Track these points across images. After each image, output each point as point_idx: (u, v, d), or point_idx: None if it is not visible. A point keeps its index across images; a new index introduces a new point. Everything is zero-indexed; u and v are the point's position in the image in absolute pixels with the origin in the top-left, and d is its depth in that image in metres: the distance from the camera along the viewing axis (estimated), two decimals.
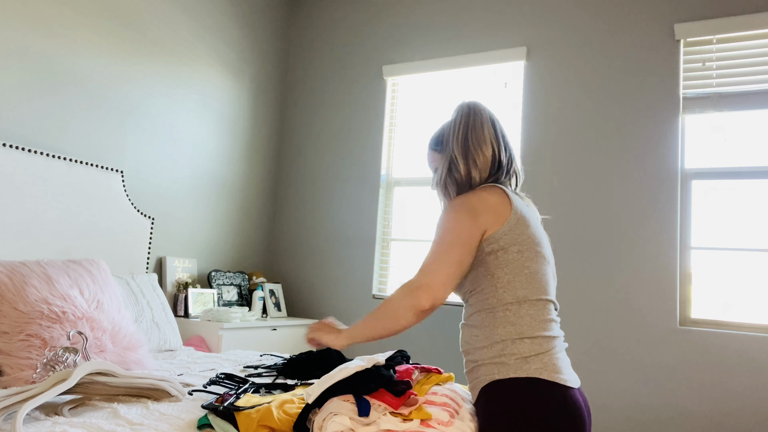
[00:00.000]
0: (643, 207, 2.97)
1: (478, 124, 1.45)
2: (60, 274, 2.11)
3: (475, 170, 1.43)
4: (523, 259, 1.32)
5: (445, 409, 1.25)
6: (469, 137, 1.44)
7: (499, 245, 1.31)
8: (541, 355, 1.24)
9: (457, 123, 1.47)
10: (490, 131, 1.45)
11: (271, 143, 4.08)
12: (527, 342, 1.25)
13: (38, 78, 2.61)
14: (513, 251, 1.31)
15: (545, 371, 1.22)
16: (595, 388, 2.95)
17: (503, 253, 1.31)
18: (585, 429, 1.22)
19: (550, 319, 1.31)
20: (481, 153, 1.43)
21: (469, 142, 1.44)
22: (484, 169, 1.43)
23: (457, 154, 1.44)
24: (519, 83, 3.42)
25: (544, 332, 1.27)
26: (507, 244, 1.31)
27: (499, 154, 1.46)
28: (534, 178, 3.25)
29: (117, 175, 2.86)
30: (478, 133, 1.44)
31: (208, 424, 1.36)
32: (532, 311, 1.29)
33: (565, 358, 1.30)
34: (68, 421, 1.35)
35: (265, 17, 4.01)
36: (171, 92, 3.28)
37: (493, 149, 1.45)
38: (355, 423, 1.18)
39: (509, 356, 1.24)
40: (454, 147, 1.45)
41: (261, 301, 3.48)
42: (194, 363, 2.35)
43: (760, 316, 2.74)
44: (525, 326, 1.27)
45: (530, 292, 1.30)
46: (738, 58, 2.91)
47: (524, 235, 1.34)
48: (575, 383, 1.26)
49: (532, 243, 1.34)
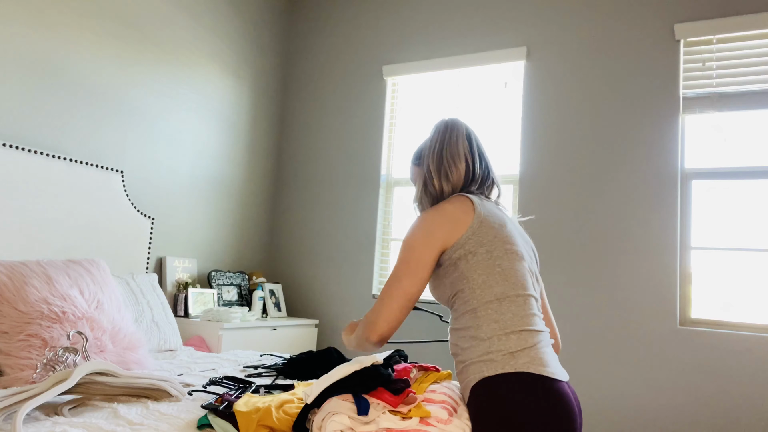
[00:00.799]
0: (643, 207, 2.97)
1: (453, 140, 1.50)
2: (60, 274, 2.11)
3: (447, 185, 1.48)
4: (493, 258, 1.35)
5: (443, 407, 1.25)
6: (444, 153, 1.49)
7: (465, 249, 1.35)
8: (528, 349, 1.26)
9: (434, 139, 1.53)
10: (464, 146, 1.51)
11: (271, 143, 4.08)
12: (513, 337, 1.27)
13: (38, 78, 2.61)
14: (481, 253, 1.35)
15: (532, 365, 1.24)
16: (595, 388, 2.95)
17: (472, 256, 1.35)
18: (575, 421, 1.23)
19: (532, 313, 1.33)
20: (454, 167, 1.48)
21: (443, 157, 1.49)
22: (457, 183, 1.49)
23: (432, 169, 1.50)
24: (519, 83, 3.42)
25: (529, 327, 1.30)
26: (473, 247, 1.35)
27: (473, 167, 1.51)
28: (534, 178, 3.25)
29: (117, 175, 2.86)
30: (452, 149, 1.50)
31: (208, 424, 1.36)
32: (513, 307, 1.31)
33: (552, 353, 1.33)
34: (68, 421, 1.35)
35: (265, 17, 4.01)
36: (171, 92, 3.29)
37: (467, 163, 1.50)
38: (354, 422, 1.18)
39: (496, 353, 1.26)
40: (429, 163, 1.51)
41: (261, 301, 3.48)
42: (194, 363, 2.35)
43: (760, 316, 2.74)
44: (509, 321, 1.29)
45: (507, 288, 1.33)
46: (738, 58, 2.91)
47: (490, 236, 1.37)
48: (563, 377, 1.28)
49: (501, 242, 1.37)
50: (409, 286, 1.36)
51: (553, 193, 3.19)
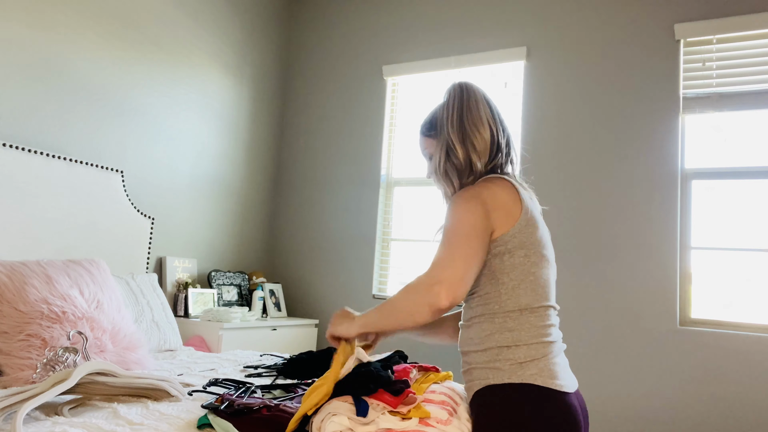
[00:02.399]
0: (643, 207, 2.97)
1: (473, 104, 1.35)
2: (60, 274, 2.11)
3: (475, 154, 1.33)
4: (529, 264, 1.26)
5: (443, 407, 1.25)
6: (465, 119, 1.34)
7: (506, 248, 1.25)
8: (537, 360, 1.21)
9: (450, 105, 1.37)
10: (486, 111, 1.36)
11: (271, 143, 4.08)
12: (523, 348, 1.22)
13: (38, 78, 2.61)
14: (519, 255, 1.25)
15: (540, 377, 1.19)
16: (595, 388, 2.95)
17: (509, 257, 1.25)
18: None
19: (549, 324, 1.27)
20: (479, 135, 1.33)
21: (465, 124, 1.34)
22: (484, 152, 1.34)
23: (454, 138, 1.34)
24: (519, 83, 3.42)
25: (543, 338, 1.24)
26: (514, 247, 1.25)
27: (497, 135, 1.36)
28: (534, 178, 3.25)
29: (117, 175, 2.86)
30: (473, 114, 1.34)
31: (208, 424, 1.36)
32: (532, 318, 1.25)
33: (563, 360, 1.27)
34: (68, 421, 1.35)
35: (265, 17, 4.01)
36: (171, 92, 3.29)
37: (491, 130, 1.35)
38: (353, 422, 1.18)
39: (504, 361, 1.21)
40: (449, 130, 1.35)
41: (261, 301, 3.48)
42: (194, 363, 2.35)
43: (760, 316, 2.74)
44: (523, 333, 1.23)
45: (533, 299, 1.25)
46: (738, 58, 2.91)
47: (533, 238, 1.27)
48: (571, 387, 1.23)
49: (538, 246, 1.28)
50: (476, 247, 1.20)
51: (552, 193, 3.19)
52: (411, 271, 3.64)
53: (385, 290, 3.68)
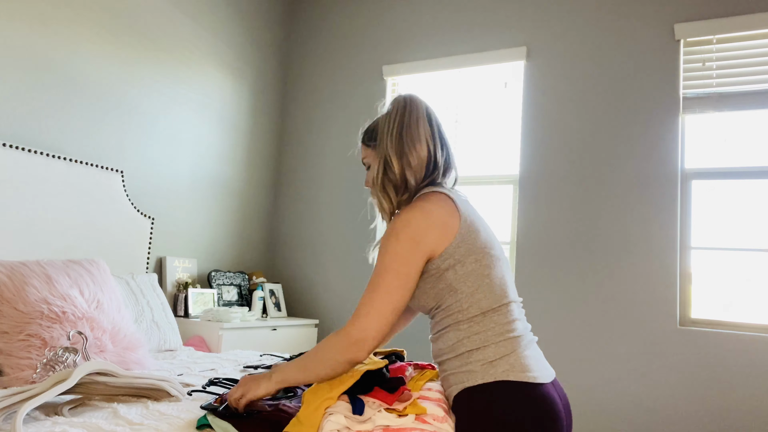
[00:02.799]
0: (643, 207, 2.97)
1: (413, 121, 1.39)
2: (60, 274, 2.11)
3: (410, 171, 1.37)
4: (482, 268, 1.29)
5: (439, 404, 1.25)
6: (404, 135, 1.37)
7: (454, 259, 1.28)
8: (507, 356, 1.23)
9: (392, 119, 1.40)
10: (425, 129, 1.39)
11: (271, 143, 4.08)
12: (492, 347, 1.24)
13: (38, 78, 2.61)
14: (470, 262, 1.28)
15: (512, 372, 1.21)
16: (595, 388, 2.95)
17: (461, 266, 1.28)
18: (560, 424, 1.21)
19: (513, 319, 1.29)
20: (415, 152, 1.37)
21: (403, 140, 1.37)
22: (419, 169, 1.37)
23: (391, 152, 1.37)
24: (519, 83, 3.42)
25: (509, 335, 1.26)
26: (462, 256, 1.28)
27: (435, 152, 1.39)
28: (534, 178, 3.25)
29: (117, 175, 2.86)
30: (413, 131, 1.38)
31: (207, 424, 1.36)
32: (496, 318, 1.27)
33: (534, 353, 1.29)
34: (68, 421, 1.35)
35: (265, 17, 4.01)
36: (171, 92, 3.29)
37: (428, 148, 1.38)
38: (350, 421, 1.18)
39: (475, 363, 1.23)
40: (388, 145, 1.38)
41: (261, 301, 3.48)
42: (194, 363, 2.35)
43: (760, 316, 2.74)
44: (490, 333, 1.25)
45: (493, 300, 1.28)
46: (738, 58, 2.91)
47: (477, 243, 1.30)
48: (547, 378, 1.25)
49: (485, 248, 1.31)
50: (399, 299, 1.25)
51: (553, 193, 3.19)
52: None
53: None
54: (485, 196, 3.47)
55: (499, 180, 3.42)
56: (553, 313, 3.10)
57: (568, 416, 1.29)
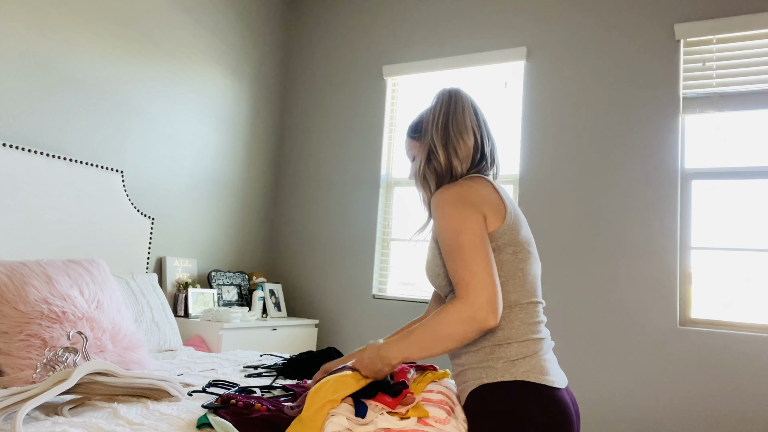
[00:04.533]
0: (643, 207, 2.97)
1: (459, 111, 1.36)
2: (60, 274, 2.11)
3: (456, 160, 1.34)
4: (517, 261, 1.27)
5: (441, 406, 1.25)
6: (450, 125, 1.35)
7: (496, 245, 1.25)
8: (528, 357, 1.22)
9: (437, 110, 1.38)
10: (472, 119, 1.37)
11: (271, 143, 4.08)
12: (515, 346, 1.23)
13: (38, 78, 2.61)
14: (508, 252, 1.26)
15: (533, 374, 1.20)
16: (595, 388, 2.95)
17: (498, 254, 1.25)
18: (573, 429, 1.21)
19: (538, 321, 1.28)
20: (462, 142, 1.34)
21: (449, 130, 1.35)
22: (466, 159, 1.34)
23: (437, 142, 1.35)
24: (519, 83, 3.42)
25: (533, 335, 1.25)
26: (503, 244, 1.26)
27: (482, 143, 1.37)
28: (534, 178, 3.25)
29: (117, 175, 2.86)
30: (459, 121, 1.35)
31: (207, 424, 1.36)
32: (522, 315, 1.26)
33: (552, 358, 1.28)
34: (68, 421, 1.35)
35: (265, 17, 4.01)
36: (171, 92, 3.29)
37: (475, 138, 1.36)
38: (352, 423, 1.18)
39: (496, 360, 1.22)
40: (433, 135, 1.36)
41: (261, 301, 3.48)
42: (194, 363, 2.35)
43: (760, 316, 2.74)
44: (514, 330, 1.24)
45: (522, 295, 1.27)
46: (738, 58, 2.91)
47: (520, 236, 1.28)
48: (562, 383, 1.25)
49: (525, 243, 1.29)
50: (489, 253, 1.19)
51: (553, 193, 3.19)
52: (411, 271, 3.64)
53: (385, 290, 3.68)
54: None
55: (499, 180, 3.42)
56: (553, 313, 3.10)
57: (578, 423, 1.29)
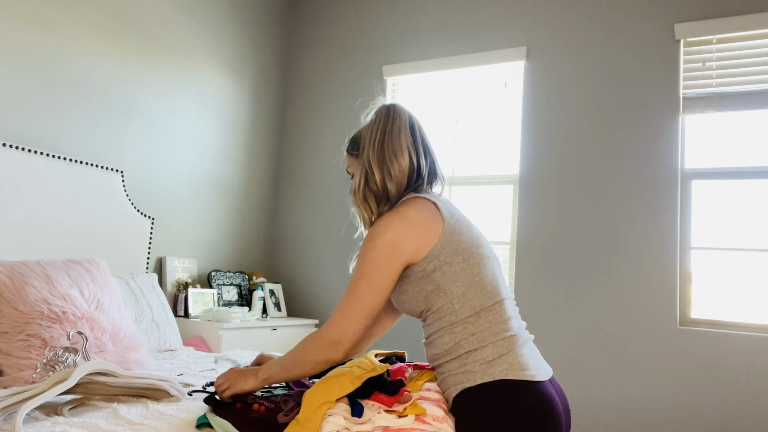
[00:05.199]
0: (643, 207, 2.97)
1: (395, 131, 1.38)
2: (60, 274, 2.11)
3: (390, 182, 1.36)
4: (471, 267, 1.29)
5: (439, 404, 1.25)
6: (386, 146, 1.37)
7: (440, 260, 1.28)
8: (504, 356, 1.23)
9: (374, 129, 1.40)
10: (407, 138, 1.39)
11: (271, 143, 4.08)
12: (489, 347, 1.24)
13: (38, 78, 2.61)
14: (458, 262, 1.28)
15: (511, 371, 1.22)
16: (595, 388, 2.95)
17: (449, 267, 1.28)
18: (559, 421, 1.21)
19: (508, 318, 1.29)
20: (396, 163, 1.37)
21: (385, 151, 1.37)
22: (400, 180, 1.37)
23: (373, 163, 1.38)
24: (519, 83, 3.42)
25: (505, 333, 1.26)
26: (448, 256, 1.28)
27: (418, 162, 1.39)
28: (534, 178, 3.25)
29: (117, 175, 2.86)
30: (394, 142, 1.38)
31: (207, 424, 1.36)
32: (490, 317, 1.27)
33: (530, 352, 1.29)
34: (68, 421, 1.35)
35: (265, 17, 4.01)
36: (171, 92, 3.29)
37: (410, 158, 1.38)
38: (349, 422, 1.19)
39: (473, 363, 1.24)
40: (369, 155, 1.39)
41: (261, 301, 3.48)
42: (194, 363, 2.35)
43: (760, 316, 2.74)
44: (486, 333, 1.26)
45: (485, 299, 1.28)
46: (738, 58, 2.91)
47: (463, 243, 1.30)
48: (544, 375, 1.25)
49: (473, 247, 1.31)
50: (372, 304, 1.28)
51: (553, 193, 3.19)
52: None
53: None
54: (485, 196, 3.47)
55: (499, 180, 3.42)
56: (553, 313, 3.10)
57: (567, 414, 1.29)
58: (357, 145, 1.47)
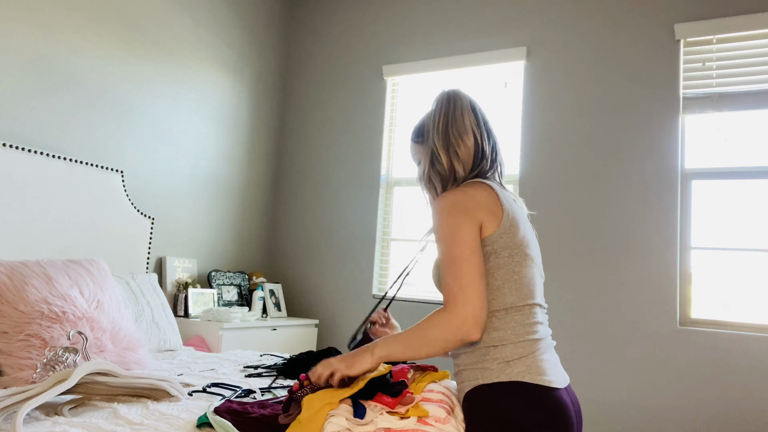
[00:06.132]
0: (643, 207, 2.97)
1: (458, 113, 1.40)
2: (60, 274, 2.11)
3: (458, 162, 1.37)
4: (514, 264, 1.28)
5: (441, 406, 1.25)
6: (450, 127, 1.39)
7: (492, 248, 1.27)
8: (524, 358, 1.22)
9: (436, 113, 1.42)
10: (471, 119, 1.41)
11: (271, 143, 4.08)
12: (510, 347, 1.23)
13: (38, 78, 2.61)
14: (504, 255, 1.27)
15: (528, 374, 1.20)
16: (595, 388, 2.95)
17: (494, 257, 1.27)
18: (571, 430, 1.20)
19: (535, 322, 1.28)
20: (462, 143, 1.38)
21: (449, 132, 1.39)
22: (467, 160, 1.38)
23: (439, 146, 1.39)
24: (519, 83, 3.42)
25: (529, 336, 1.25)
26: (499, 248, 1.27)
27: (482, 143, 1.40)
28: (534, 178, 3.25)
29: (117, 175, 2.86)
30: (458, 123, 1.39)
31: (207, 424, 1.36)
32: (518, 317, 1.26)
33: (552, 357, 1.28)
34: (68, 421, 1.35)
35: (265, 17, 4.01)
36: (171, 92, 3.29)
37: (475, 138, 1.39)
38: (351, 423, 1.18)
39: (491, 361, 1.22)
40: (434, 138, 1.40)
41: (261, 301, 3.48)
42: (194, 363, 2.35)
43: (760, 316, 2.74)
44: (509, 332, 1.25)
45: (518, 298, 1.27)
46: (738, 58, 2.91)
47: (516, 238, 1.29)
48: (561, 383, 1.24)
49: (522, 246, 1.30)
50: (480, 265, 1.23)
51: (553, 193, 3.19)
52: (411, 271, 3.63)
53: (384, 290, 3.67)
54: None
55: None
56: (553, 313, 3.10)
57: (579, 422, 1.28)
58: (421, 133, 1.48)
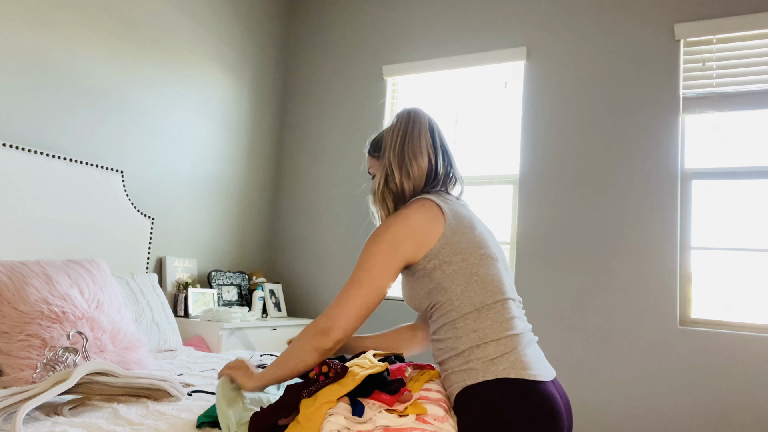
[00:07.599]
0: (643, 207, 2.97)
1: (416, 134, 1.44)
2: (60, 274, 2.11)
3: (408, 182, 1.42)
4: (470, 266, 1.31)
5: (439, 404, 1.25)
6: (406, 147, 1.43)
7: (440, 259, 1.31)
8: (507, 354, 1.25)
9: (395, 131, 1.46)
10: (427, 141, 1.45)
11: (271, 143, 4.08)
12: (492, 344, 1.26)
13: (38, 78, 2.61)
14: (457, 261, 1.31)
15: (513, 370, 1.22)
16: (595, 388, 2.95)
17: (447, 266, 1.31)
18: (561, 421, 1.21)
19: (511, 317, 1.31)
20: (416, 164, 1.42)
21: (405, 152, 1.43)
22: (419, 180, 1.43)
23: (393, 164, 1.43)
24: (519, 83, 3.42)
25: (508, 332, 1.28)
26: (448, 256, 1.31)
27: (436, 163, 1.45)
28: (534, 178, 3.25)
29: (117, 175, 2.86)
30: (414, 143, 1.43)
31: (207, 423, 1.36)
32: (492, 314, 1.29)
33: (535, 352, 1.30)
34: (68, 421, 1.35)
35: (265, 17, 4.01)
36: (171, 92, 3.29)
37: (429, 159, 1.44)
38: (350, 422, 1.19)
39: (476, 361, 1.25)
40: (390, 156, 1.44)
41: (261, 301, 3.48)
42: (194, 363, 2.35)
43: (760, 316, 2.74)
44: (488, 330, 1.27)
45: (486, 296, 1.30)
46: (738, 58, 2.91)
47: (464, 243, 1.33)
48: (547, 376, 1.26)
49: (474, 248, 1.34)
50: (367, 297, 1.32)
51: (553, 193, 3.19)
52: None
53: None
54: (485, 196, 3.47)
55: (499, 180, 3.42)
56: (553, 313, 3.10)
57: (569, 414, 1.30)
58: (378, 147, 1.53)
